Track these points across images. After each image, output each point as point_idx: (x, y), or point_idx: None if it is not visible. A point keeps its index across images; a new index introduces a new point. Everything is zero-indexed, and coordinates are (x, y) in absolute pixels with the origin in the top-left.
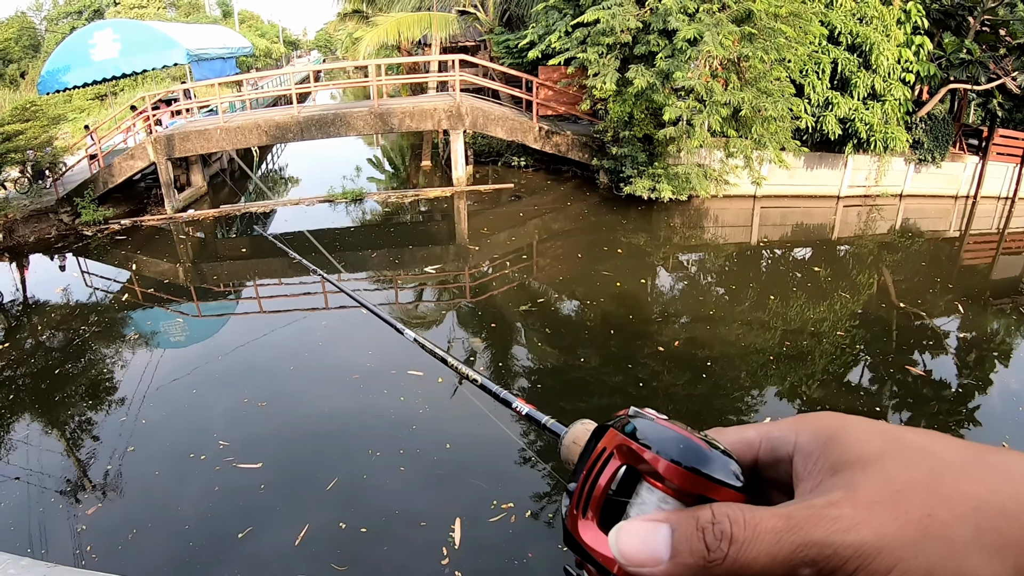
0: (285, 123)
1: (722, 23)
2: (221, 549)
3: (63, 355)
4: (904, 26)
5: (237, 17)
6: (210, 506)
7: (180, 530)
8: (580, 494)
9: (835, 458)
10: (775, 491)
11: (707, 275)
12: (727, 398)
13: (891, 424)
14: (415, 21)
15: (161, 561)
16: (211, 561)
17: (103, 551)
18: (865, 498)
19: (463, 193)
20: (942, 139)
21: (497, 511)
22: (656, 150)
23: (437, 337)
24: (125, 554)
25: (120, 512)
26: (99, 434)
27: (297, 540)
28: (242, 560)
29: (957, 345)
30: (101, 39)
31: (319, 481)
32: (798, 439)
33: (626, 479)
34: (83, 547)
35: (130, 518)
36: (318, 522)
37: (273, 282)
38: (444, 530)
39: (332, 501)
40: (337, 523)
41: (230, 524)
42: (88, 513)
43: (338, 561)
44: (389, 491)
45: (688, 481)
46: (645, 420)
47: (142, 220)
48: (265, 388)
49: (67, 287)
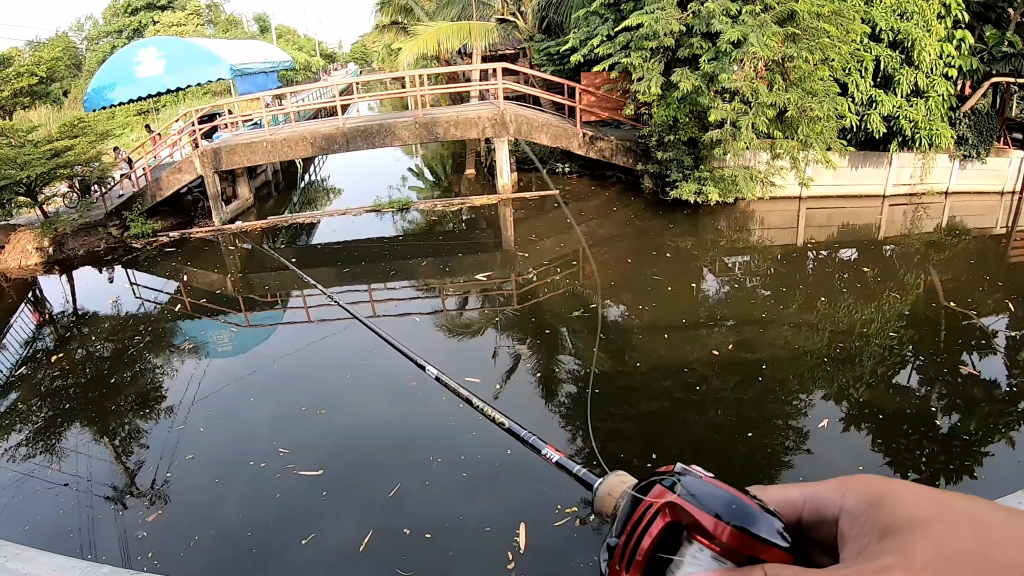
0: (331, 134)
1: (766, 24)
2: (285, 556)
3: (116, 365)
4: (944, 20)
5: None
6: (272, 513)
7: (243, 536)
8: (624, 550)
9: (884, 522)
10: (818, 551)
11: (755, 278)
12: (777, 402)
13: (936, 489)
14: (455, 31)
15: (224, 568)
16: (275, 568)
17: (165, 558)
18: (917, 563)
19: (508, 200)
20: (986, 134)
21: (561, 515)
22: (701, 153)
23: (487, 343)
24: (187, 561)
25: (181, 519)
26: (155, 442)
27: (361, 546)
28: (307, 567)
29: (1007, 344)
30: (145, 56)
31: (381, 488)
32: (844, 501)
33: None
34: (145, 553)
35: (191, 525)
36: (382, 528)
37: (320, 291)
38: (509, 535)
39: (395, 507)
40: (401, 529)
41: (293, 531)
42: (149, 520)
43: (404, 567)
44: (452, 497)
45: (738, 541)
46: (693, 477)
47: (190, 232)
48: (321, 396)
49: (117, 298)
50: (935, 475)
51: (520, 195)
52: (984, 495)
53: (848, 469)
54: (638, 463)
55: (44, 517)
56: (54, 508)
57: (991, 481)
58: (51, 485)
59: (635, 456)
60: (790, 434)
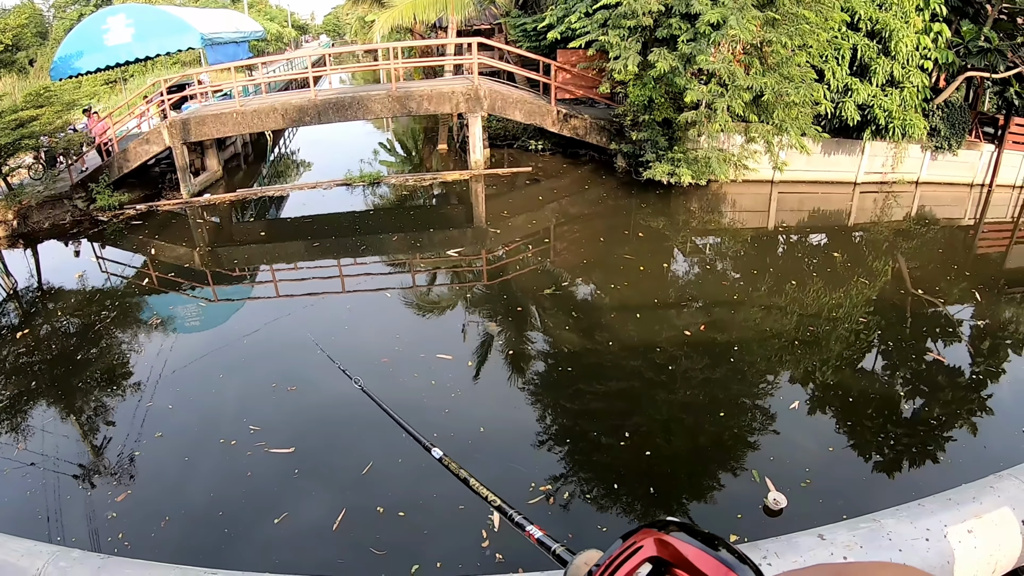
0: (303, 106)
1: (746, 7)
2: (257, 535)
3: (82, 341)
4: (923, 13)
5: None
6: (244, 492)
7: (214, 516)
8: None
9: None
10: None
11: (726, 260)
12: (746, 383)
13: None
14: (431, 3)
15: (196, 548)
16: (248, 548)
17: (136, 538)
18: None
19: (480, 176)
20: (959, 127)
21: (536, 493)
22: (676, 134)
23: (456, 319)
24: (158, 541)
25: (151, 498)
26: (123, 420)
27: (335, 525)
28: (280, 546)
29: (972, 333)
30: (114, 24)
31: (354, 466)
32: None
33: None
34: (115, 534)
35: (161, 504)
36: (355, 506)
37: (290, 266)
38: (483, 513)
39: (368, 486)
40: (375, 507)
41: (265, 510)
42: (118, 500)
43: (377, 545)
44: (425, 475)
45: None
46: (682, 523)
47: (158, 205)
48: (291, 372)
49: (83, 273)
50: (900, 459)
51: (492, 171)
52: (948, 481)
53: (816, 451)
54: (606, 441)
55: (10, 499)
56: (20, 490)
57: (955, 466)
58: (17, 465)
59: (604, 434)
60: (758, 415)
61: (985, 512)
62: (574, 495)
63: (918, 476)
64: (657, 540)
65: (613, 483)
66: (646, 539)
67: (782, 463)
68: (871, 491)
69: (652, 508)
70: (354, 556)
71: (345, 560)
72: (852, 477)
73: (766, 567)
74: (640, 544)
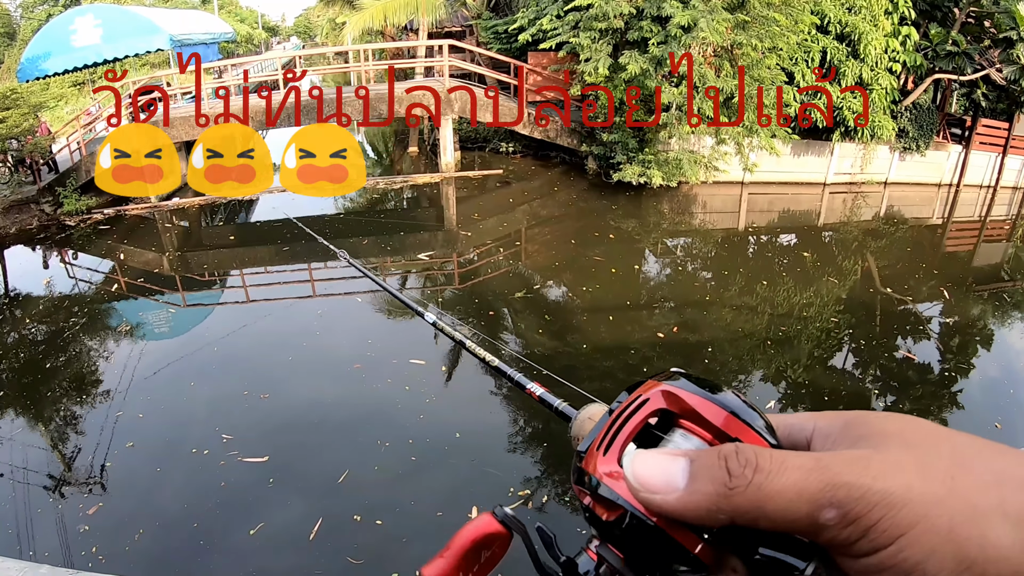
0: (272, 109)
1: (716, 10)
2: (233, 546)
3: (51, 349)
4: (891, 16)
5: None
6: (218, 503)
7: (189, 528)
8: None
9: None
10: None
11: (697, 261)
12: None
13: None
14: (402, 6)
15: (171, 561)
16: (224, 559)
17: (109, 553)
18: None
19: (451, 179)
20: (927, 128)
21: (514, 498)
22: (646, 136)
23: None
24: (133, 555)
25: (124, 511)
26: (93, 429)
27: (311, 534)
28: (256, 557)
29: (941, 330)
30: (82, 24)
31: (329, 474)
32: (816, 423)
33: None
34: (88, 548)
35: (135, 517)
36: (331, 515)
37: (260, 270)
38: (461, 519)
39: (344, 493)
40: (351, 516)
41: (240, 520)
42: (90, 513)
43: (354, 554)
44: (402, 481)
45: (731, 426)
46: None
47: (126, 209)
48: (263, 379)
49: (51, 279)
50: None
51: (463, 174)
52: None
53: None
54: None
55: None
56: None
57: None
58: None
59: None
60: None
61: None
62: (552, 498)
63: None
64: (664, 392)
65: None
66: (652, 391)
67: None
68: None
69: None
70: (331, 565)
71: (322, 570)
72: None
73: None
74: (647, 396)
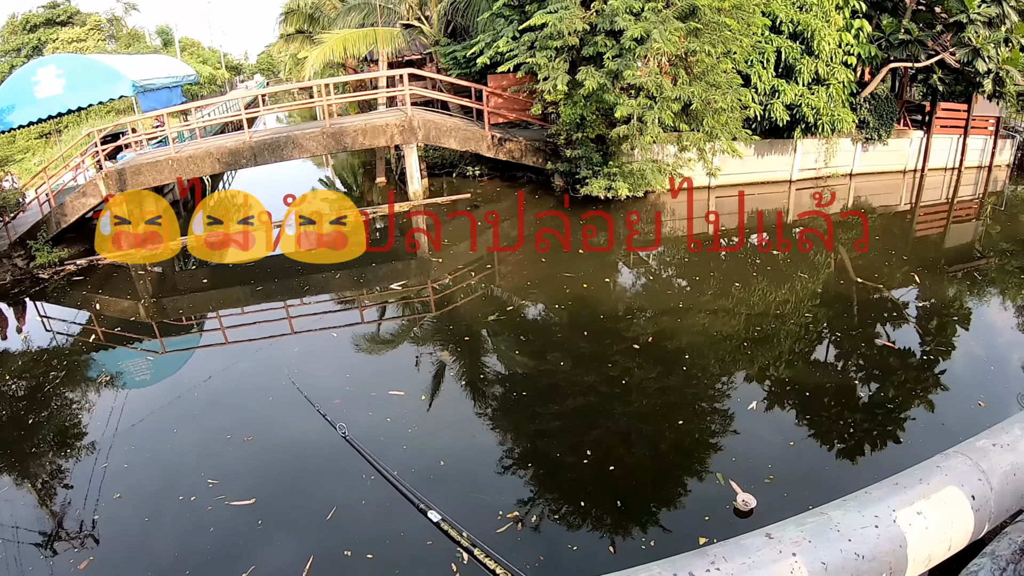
0: (237, 149)
1: (668, 20)
2: None
3: (32, 405)
4: (843, 11)
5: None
6: (209, 548)
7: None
8: None
9: None
10: None
11: (670, 268)
12: (701, 387)
13: None
14: (360, 37)
15: None
16: None
17: None
18: None
19: (420, 206)
20: (887, 117)
21: (504, 521)
22: (610, 149)
23: (405, 353)
24: None
25: (115, 563)
26: (80, 482)
27: (303, 573)
28: None
29: (918, 314)
30: (44, 75)
31: (317, 511)
32: None
33: None
34: None
35: (127, 568)
36: (323, 553)
37: (236, 311)
38: (451, 546)
39: (334, 530)
40: (342, 552)
41: (231, 565)
42: (81, 568)
43: None
44: (390, 513)
45: None
46: None
47: (99, 259)
48: (245, 421)
49: (28, 333)
50: (861, 444)
51: (432, 200)
52: (910, 460)
53: (777, 447)
54: (569, 460)
55: None
56: None
57: (915, 445)
58: None
59: (566, 453)
60: (716, 417)
61: (933, 492)
62: (542, 518)
63: (881, 458)
64: None
65: (580, 501)
66: None
67: (745, 462)
68: (835, 478)
69: (621, 522)
70: None
71: None
72: (816, 467)
73: (714, 572)
74: None
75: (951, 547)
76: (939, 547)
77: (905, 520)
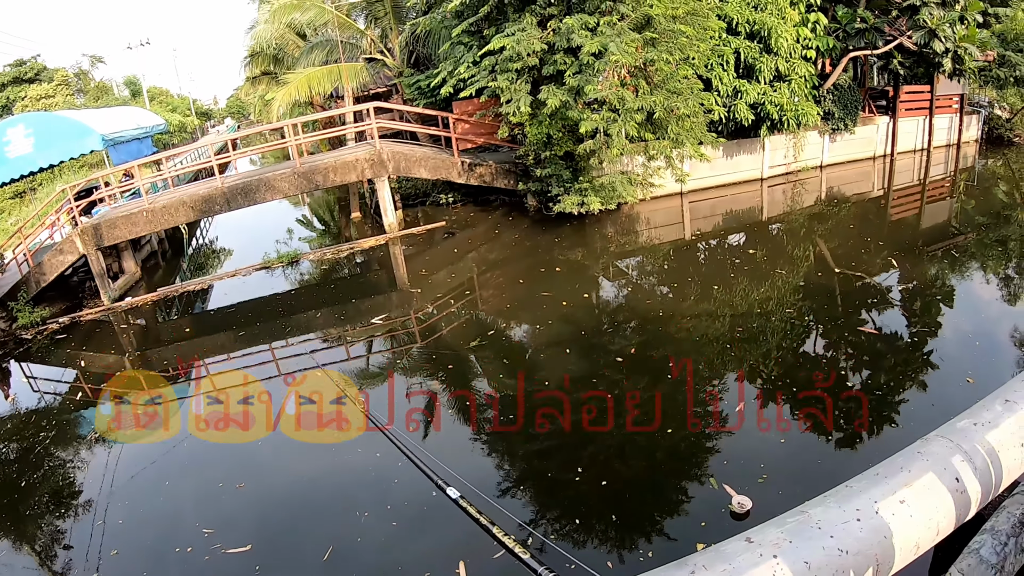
0: (210, 195)
1: (623, 32)
2: None
3: (24, 466)
4: (798, 6)
5: (147, 95)
6: None
7: None
8: None
9: None
10: None
11: (649, 277)
12: (687, 392)
13: None
14: (324, 75)
15: None
16: None
17: None
18: None
19: (397, 239)
20: (851, 106)
21: (499, 548)
22: (579, 165)
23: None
24: None
25: None
26: (77, 542)
27: None
28: None
29: (899, 298)
30: (14, 135)
31: (314, 552)
32: None
33: None
34: None
35: None
36: None
37: (223, 358)
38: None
39: (332, 570)
40: None
41: None
42: None
43: None
44: (386, 548)
45: None
46: None
47: (81, 316)
48: (236, 468)
49: (15, 395)
50: (854, 433)
51: (407, 231)
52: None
53: (769, 445)
54: (563, 478)
55: None
56: None
57: (908, 427)
58: None
59: (559, 472)
60: (708, 421)
61: (915, 479)
62: (540, 539)
63: (874, 444)
64: None
65: (575, 519)
66: None
67: (737, 464)
68: (829, 471)
69: (619, 534)
70: None
71: None
72: (809, 462)
73: None
74: None
75: (939, 532)
76: (926, 533)
77: (888, 510)
